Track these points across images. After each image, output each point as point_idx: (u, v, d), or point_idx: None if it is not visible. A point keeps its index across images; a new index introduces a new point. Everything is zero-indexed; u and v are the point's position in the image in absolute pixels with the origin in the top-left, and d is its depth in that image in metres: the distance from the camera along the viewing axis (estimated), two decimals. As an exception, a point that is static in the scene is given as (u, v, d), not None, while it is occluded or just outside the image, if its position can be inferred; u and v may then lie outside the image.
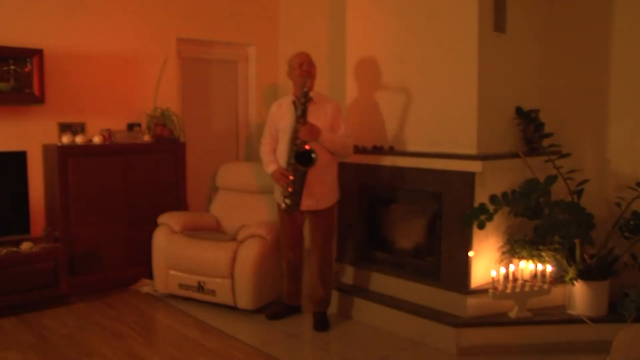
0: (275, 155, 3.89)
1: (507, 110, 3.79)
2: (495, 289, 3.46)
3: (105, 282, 4.65)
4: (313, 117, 3.66)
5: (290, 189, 3.68)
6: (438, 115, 3.76)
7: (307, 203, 3.75)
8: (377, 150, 4.06)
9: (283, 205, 3.75)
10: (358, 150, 4.10)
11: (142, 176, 4.81)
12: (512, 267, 3.55)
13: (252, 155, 5.94)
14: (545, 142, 3.87)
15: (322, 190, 3.79)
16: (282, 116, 3.86)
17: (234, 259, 4.11)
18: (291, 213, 3.82)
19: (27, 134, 4.54)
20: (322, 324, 3.88)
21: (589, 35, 3.89)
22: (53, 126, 4.62)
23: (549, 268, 3.55)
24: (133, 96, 5.06)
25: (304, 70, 3.74)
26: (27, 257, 4.13)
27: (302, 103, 3.62)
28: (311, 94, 3.67)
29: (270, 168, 3.84)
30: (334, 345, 3.68)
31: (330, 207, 3.88)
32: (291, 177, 3.66)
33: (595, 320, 3.45)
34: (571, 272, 3.54)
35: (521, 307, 3.51)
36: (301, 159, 3.57)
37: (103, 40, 4.88)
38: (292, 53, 3.96)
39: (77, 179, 4.48)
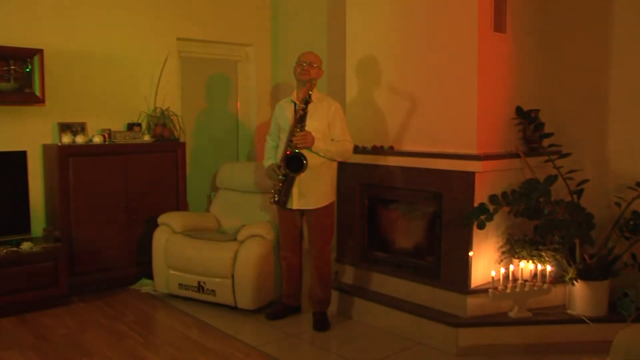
0: (275, 152, 3.97)
1: (507, 110, 3.79)
2: (495, 289, 3.46)
3: (105, 282, 4.65)
4: (312, 114, 3.69)
5: (279, 185, 3.75)
6: (438, 115, 3.76)
7: (300, 202, 3.78)
8: (377, 150, 4.06)
9: (272, 199, 3.81)
10: (358, 150, 4.10)
11: (142, 176, 4.81)
12: (512, 267, 3.55)
13: (252, 156, 5.94)
14: (545, 142, 3.87)
15: (314, 190, 3.79)
16: (283, 115, 3.90)
17: (234, 259, 4.12)
18: (284, 208, 3.84)
19: (27, 134, 4.53)
20: (322, 324, 3.88)
21: (589, 34, 3.89)
22: (53, 126, 4.63)
23: (548, 268, 3.55)
24: (133, 96, 5.06)
25: (303, 68, 3.77)
26: (27, 257, 4.13)
27: (302, 109, 3.66)
28: (313, 91, 3.69)
29: (267, 163, 3.97)
30: (334, 345, 3.68)
31: (326, 207, 3.87)
32: (280, 177, 3.73)
33: (595, 320, 3.45)
34: (571, 272, 3.54)
35: (521, 307, 3.51)
36: (291, 164, 3.64)
37: (103, 40, 4.88)
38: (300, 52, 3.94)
39: (77, 179, 4.48)
